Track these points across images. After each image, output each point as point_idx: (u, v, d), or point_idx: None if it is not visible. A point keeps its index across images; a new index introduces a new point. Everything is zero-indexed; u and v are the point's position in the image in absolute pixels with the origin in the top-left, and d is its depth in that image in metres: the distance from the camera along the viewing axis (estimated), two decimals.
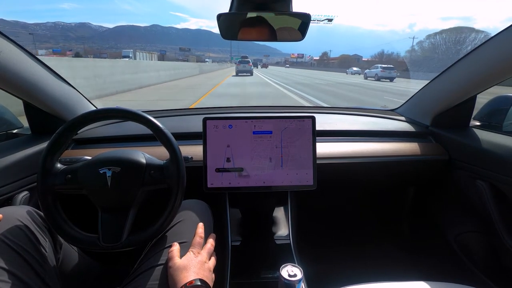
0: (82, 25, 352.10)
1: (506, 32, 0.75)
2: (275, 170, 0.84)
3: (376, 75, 19.84)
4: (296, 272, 0.58)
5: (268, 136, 0.84)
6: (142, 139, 1.00)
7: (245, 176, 0.84)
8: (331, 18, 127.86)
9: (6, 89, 0.80)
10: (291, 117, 0.85)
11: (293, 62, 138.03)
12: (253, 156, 0.84)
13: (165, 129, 0.65)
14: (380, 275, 0.72)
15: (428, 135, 1.12)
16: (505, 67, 0.79)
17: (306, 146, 0.85)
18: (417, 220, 1.31)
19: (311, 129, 0.85)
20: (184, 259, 0.59)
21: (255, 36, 0.73)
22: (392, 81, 18.59)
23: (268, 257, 0.83)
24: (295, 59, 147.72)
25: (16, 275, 0.52)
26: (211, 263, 0.63)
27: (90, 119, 0.67)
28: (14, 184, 0.78)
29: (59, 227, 0.61)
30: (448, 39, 48.89)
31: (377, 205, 1.47)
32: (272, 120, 0.85)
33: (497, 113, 1.06)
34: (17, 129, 1.05)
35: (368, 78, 20.94)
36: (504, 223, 0.85)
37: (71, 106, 1.00)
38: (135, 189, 0.63)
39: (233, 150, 0.84)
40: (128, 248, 0.62)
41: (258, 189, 0.84)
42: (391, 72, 19.15)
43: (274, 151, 0.84)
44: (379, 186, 1.33)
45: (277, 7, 0.65)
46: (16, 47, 0.77)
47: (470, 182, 0.95)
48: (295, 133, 0.85)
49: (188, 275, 0.55)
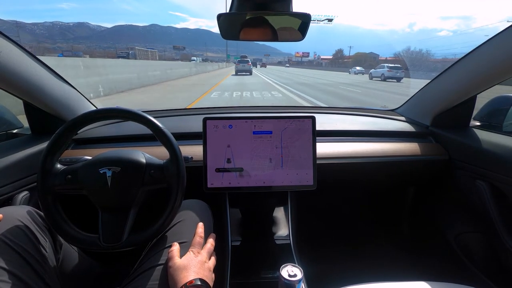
0: (80, 24, 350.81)
1: (506, 32, 0.75)
2: (275, 170, 0.84)
3: (382, 75, 18.90)
4: (296, 272, 0.58)
5: (268, 136, 0.84)
6: (142, 139, 1.00)
7: (245, 176, 0.84)
8: (331, 18, 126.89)
9: (6, 89, 0.80)
10: (291, 117, 0.85)
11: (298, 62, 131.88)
12: (253, 156, 0.84)
13: (165, 129, 0.65)
14: (380, 275, 0.72)
15: (428, 135, 1.12)
16: (505, 67, 0.79)
17: (306, 146, 0.85)
18: (417, 220, 1.31)
19: (311, 129, 0.85)
20: (184, 259, 0.59)
21: (255, 36, 0.73)
22: (399, 81, 17.86)
23: (268, 257, 0.83)
24: (300, 58, 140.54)
25: (16, 275, 0.52)
26: (211, 263, 0.63)
27: (90, 119, 0.67)
28: (14, 184, 0.78)
29: (59, 227, 0.61)
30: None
31: (377, 205, 1.47)
32: (272, 120, 0.84)
33: (497, 113, 1.06)
34: (17, 129, 1.05)
35: (373, 78, 20.10)
36: (504, 223, 0.85)
37: (71, 106, 1.00)
38: (135, 189, 0.63)
39: (233, 150, 0.84)
40: (128, 248, 0.62)
41: (258, 189, 0.84)
42: (398, 72, 18.24)
43: (274, 151, 0.84)
44: (379, 186, 1.34)
45: (277, 7, 0.65)
46: (16, 47, 0.77)
47: (470, 182, 0.95)
48: (295, 133, 0.85)
49: (188, 274, 0.55)
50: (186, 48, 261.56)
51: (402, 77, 18.28)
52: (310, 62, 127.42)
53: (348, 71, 36.48)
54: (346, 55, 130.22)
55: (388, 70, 18.57)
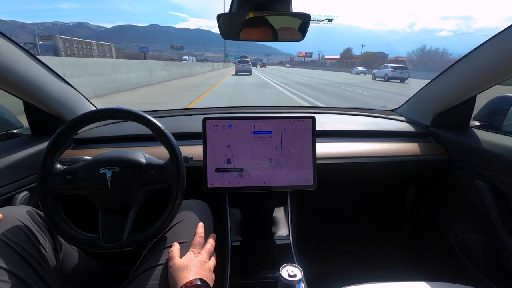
0: (80, 25, 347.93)
1: (506, 32, 0.75)
2: (275, 170, 0.84)
3: (386, 75, 18.56)
4: (296, 272, 0.58)
5: (268, 137, 0.85)
6: (142, 139, 1.00)
7: (245, 176, 0.84)
8: (331, 18, 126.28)
9: (6, 89, 0.80)
10: (291, 117, 0.85)
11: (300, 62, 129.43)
12: (253, 156, 0.84)
13: (165, 129, 0.65)
14: (380, 275, 0.72)
15: (428, 135, 1.12)
16: (505, 67, 0.79)
17: (306, 146, 0.85)
18: (417, 220, 1.31)
19: (311, 129, 0.85)
20: (184, 259, 0.59)
21: (255, 36, 0.73)
22: (403, 82, 17.56)
23: (268, 257, 0.83)
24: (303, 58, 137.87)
25: (17, 275, 0.52)
26: (211, 263, 0.63)
27: (90, 119, 0.67)
28: (14, 184, 0.78)
29: (59, 227, 0.61)
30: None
31: (377, 205, 1.47)
32: (272, 120, 0.85)
33: (497, 113, 1.06)
34: (17, 129, 1.05)
35: (376, 79, 19.88)
36: (504, 223, 0.85)
37: (71, 106, 1.00)
38: (135, 189, 0.63)
39: (233, 150, 0.84)
40: (128, 248, 0.62)
41: (258, 189, 0.84)
42: (402, 73, 17.93)
43: (274, 151, 0.84)
44: (379, 186, 1.34)
45: (277, 7, 0.65)
46: (16, 47, 0.77)
47: (470, 182, 0.95)
48: (295, 133, 0.85)
49: (188, 274, 0.55)
50: (185, 48, 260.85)
51: (406, 78, 17.94)
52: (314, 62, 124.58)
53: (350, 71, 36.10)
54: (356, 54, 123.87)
55: (392, 71, 18.35)
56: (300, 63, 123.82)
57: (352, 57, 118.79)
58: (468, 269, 1.00)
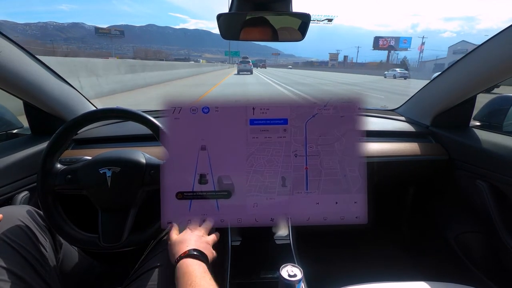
0: (75, 25, 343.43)
1: (506, 32, 0.75)
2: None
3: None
4: (296, 272, 0.58)
5: (279, 130, 0.48)
6: (142, 139, 0.99)
7: (236, 206, 0.50)
8: (331, 18, 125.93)
9: (6, 89, 0.80)
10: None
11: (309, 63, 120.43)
12: (250, 169, 0.50)
13: (165, 129, 0.65)
14: (380, 275, 0.72)
15: (428, 135, 1.12)
16: (505, 67, 0.79)
17: (353, 151, 0.52)
18: (417, 220, 1.31)
19: (359, 121, 0.51)
20: (181, 234, 0.58)
21: (255, 36, 0.73)
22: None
23: (268, 257, 0.83)
24: (335, 60, 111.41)
25: (17, 274, 0.52)
26: (210, 238, 0.61)
27: (90, 119, 0.67)
28: (14, 184, 0.78)
29: (59, 227, 0.61)
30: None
31: (377, 205, 1.47)
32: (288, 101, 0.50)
33: (497, 113, 1.05)
34: (17, 129, 1.05)
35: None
36: (504, 223, 0.85)
37: (71, 106, 1.00)
38: (135, 189, 0.63)
39: (212, 156, 0.49)
40: (128, 248, 0.62)
41: (260, 230, 0.58)
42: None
43: (290, 161, 0.49)
44: (379, 186, 1.33)
45: (277, 7, 0.65)
46: (16, 47, 0.77)
47: (470, 182, 0.95)
48: (333, 126, 0.49)
49: (184, 247, 0.54)
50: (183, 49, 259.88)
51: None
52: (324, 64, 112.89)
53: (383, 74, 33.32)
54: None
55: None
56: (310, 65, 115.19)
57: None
58: (468, 269, 0.99)
